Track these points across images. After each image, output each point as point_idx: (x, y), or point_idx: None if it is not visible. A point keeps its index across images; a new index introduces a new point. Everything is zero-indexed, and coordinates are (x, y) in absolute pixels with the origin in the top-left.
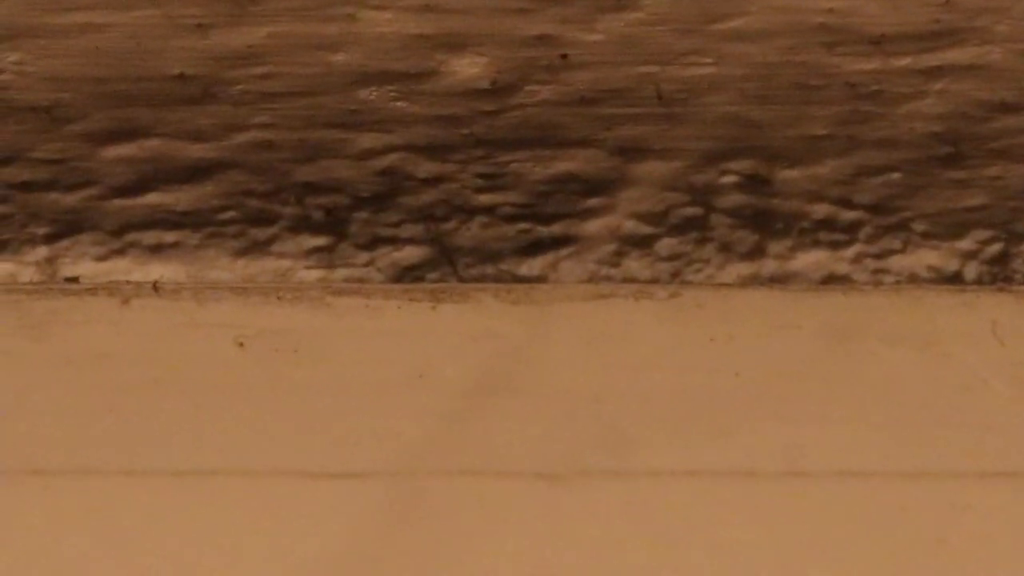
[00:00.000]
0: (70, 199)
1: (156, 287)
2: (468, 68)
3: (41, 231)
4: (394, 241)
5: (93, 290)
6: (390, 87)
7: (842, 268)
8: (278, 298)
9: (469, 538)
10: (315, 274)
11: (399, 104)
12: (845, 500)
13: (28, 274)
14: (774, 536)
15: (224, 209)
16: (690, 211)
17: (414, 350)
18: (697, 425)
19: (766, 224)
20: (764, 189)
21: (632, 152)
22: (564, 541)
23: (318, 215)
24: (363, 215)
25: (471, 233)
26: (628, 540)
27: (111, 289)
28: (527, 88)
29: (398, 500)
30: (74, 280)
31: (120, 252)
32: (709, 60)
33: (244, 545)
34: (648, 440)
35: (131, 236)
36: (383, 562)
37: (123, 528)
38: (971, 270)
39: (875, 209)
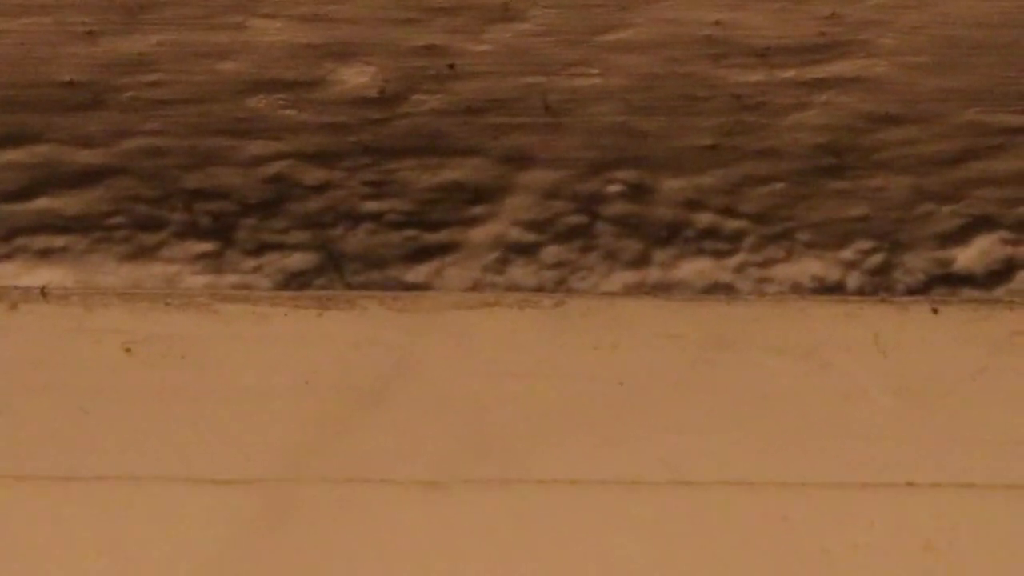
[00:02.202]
0: None
1: (44, 292)
2: (356, 77)
3: None
4: (281, 247)
5: None
6: (279, 95)
7: (726, 277)
8: (166, 304)
9: (351, 545)
10: (202, 280)
11: (287, 112)
12: (728, 510)
13: None
14: (657, 545)
15: (112, 214)
16: (575, 219)
17: (300, 357)
18: (580, 434)
19: (651, 233)
20: (649, 198)
21: (518, 161)
22: (446, 550)
23: (206, 221)
24: (251, 221)
25: (358, 240)
26: (511, 549)
27: None
28: (415, 97)
29: (281, 506)
30: None
31: (8, 257)
32: (595, 71)
33: (128, 550)
34: (531, 449)
35: (19, 241)
36: (265, 569)
37: (7, 532)
38: (854, 280)
39: (759, 219)
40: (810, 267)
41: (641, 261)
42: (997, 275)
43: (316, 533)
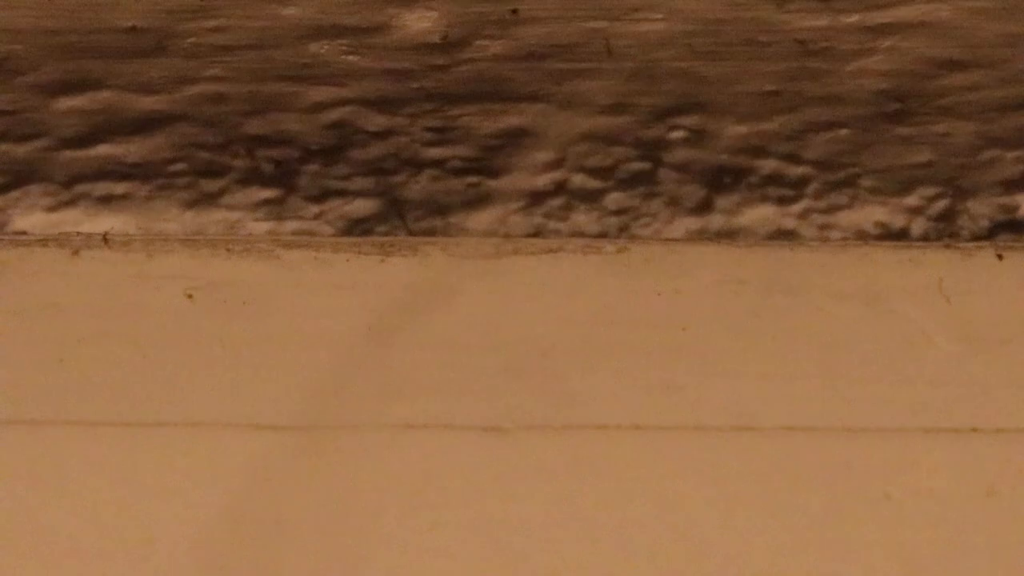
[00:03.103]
0: (20, 150)
1: (106, 239)
2: (419, 22)
3: None
4: (343, 194)
5: (43, 241)
6: (341, 41)
7: (789, 224)
8: (227, 250)
9: (415, 489)
10: (264, 226)
11: (350, 58)
12: (791, 455)
13: None
14: (721, 490)
15: (174, 161)
16: (638, 166)
17: (362, 303)
18: (644, 379)
19: (714, 179)
20: (712, 144)
21: (581, 107)
22: (511, 494)
23: (268, 168)
24: (313, 168)
25: (420, 186)
26: (575, 495)
27: (61, 240)
28: (477, 43)
29: (345, 452)
30: (23, 232)
31: (70, 203)
32: (658, 15)
33: (194, 496)
34: (594, 395)
35: (81, 188)
36: (331, 513)
37: (73, 478)
38: (918, 226)
39: (822, 165)
40: (874, 213)
41: (704, 207)
42: None
43: (380, 477)
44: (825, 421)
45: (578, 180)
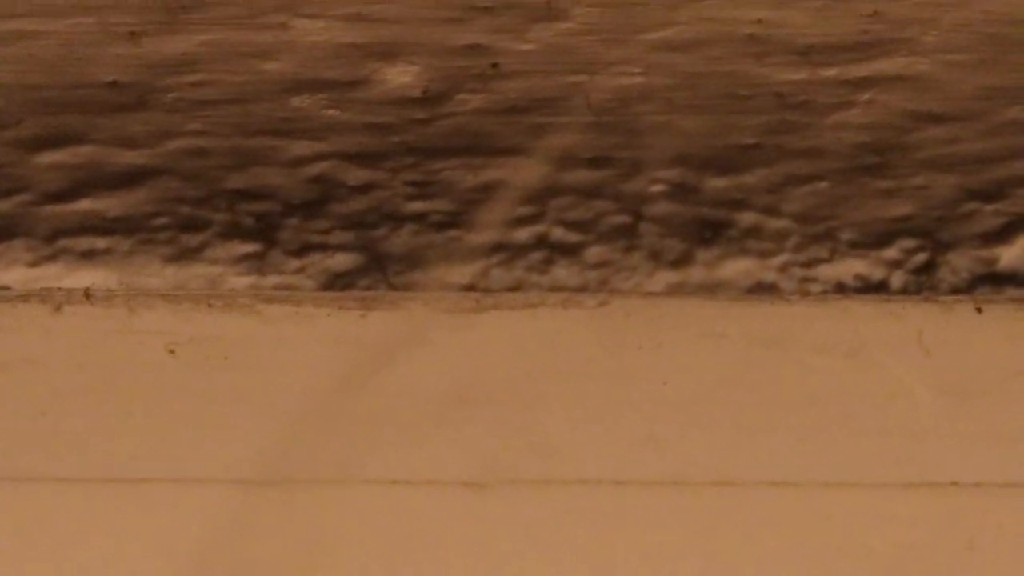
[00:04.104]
0: (2, 205)
1: (87, 294)
2: (400, 76)
3: None
4: (325, 248)
5: (25, 296)
6: (322, 95)
7: (769, 276)
8: (209, 305)
9: (396, 546)
10: (246, 281)
11: (331, 112)
12: (772, 509)
13: None
14: (703, 545)
15: (156, 215)
16: (618, 219)
17: (344, 357)
18: (625, 434)
19: (694, 232)
20: (692, 197)
21: (561, 161)
22: (492, 549)
23: (249, 222)
24: (294, 222)
25: (401, 240)
26: (555, 549)
27: (42, 296)
28: (458, 96)
29: (327, 508)
30: (5, 287)
31: (51, 258)
32: (638, 70)
33: (175, 551)
34: (576, 449)
35: (62, 242)
36: (313, 571)
37: (53, 535)
38: (897, 279)
39: (802, 218)
40: (853, 266)
41: (684, 261)
42: None
43: (362, 534)
44: (806, 475)
45: (558, 234)
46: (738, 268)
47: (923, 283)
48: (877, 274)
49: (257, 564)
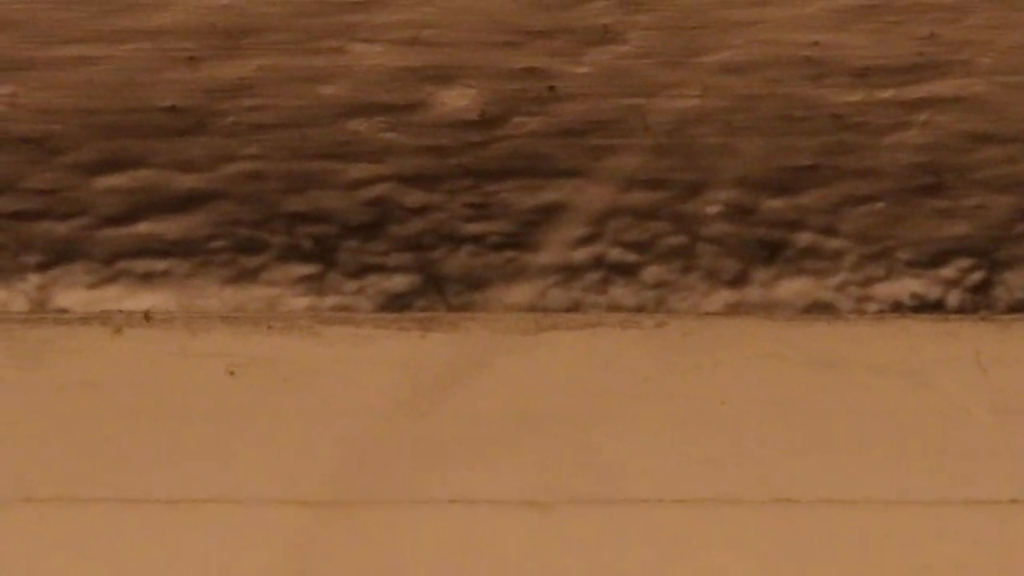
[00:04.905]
0: (62, 228)
1: (147, 316)
2: (456, 100)
3: (33, 260)
4: (383, 269)
5: (85, 319)
6: (379, 118)
7: (826, 296)
8: (268, 327)
9: (457, 566)
10: (304, 302)
11: (388, 135)
12: (831, 528)
13: (20, 303)
14: (761, 564)
15: (214, 238)
16: (676, 240)
17: (403, 378)
18: (683, 453)
19: (751, 252)
20: (749, 218)
21: (618, 182)
22: (552, 569)
23: (307, 244)
24: (352, 244)
25: (459, 261)
26: (616, 569)
27: (103, 318)
28: (515, 119)
29: (386, 528)
30: (65, 310)
31: (111, 280)
32: (694, 92)
33: (236, 572)
34: (635, 468)
35: (122, 264)
36: None
37: (115, 556)
38: (954, 298)
39: (859, 238)
40: (910, 285)
41: (741, 280)
42: None
43: (421, 553)
44: (864, 494)
45: (615, 254)
46: (795, 288)
47: (980, 302)
48: (934, 293)
49: None
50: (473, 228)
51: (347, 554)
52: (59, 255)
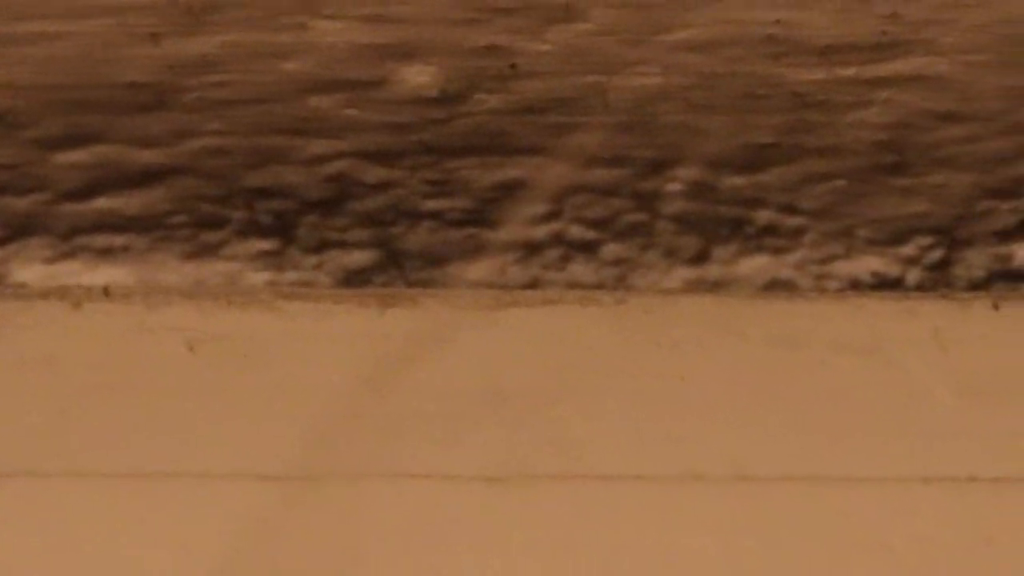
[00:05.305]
0: (21, 203)
1: (107, 291)
2: (417, 77)
3: None
4: (342, 245)
5: (44, 294)
6: (340, 95)
7: (786, 274)
8: (228, 302)
9: (414, 540)
10: (264, 277)
11: (349, 111)
12: (789, 504)
13: None
14: (720, 540)
15: (174, 213)
16: (636, 217)
17: (362, 354)
18: (643, 430)
19: (711, 230)
20: (709, 196)
21: (578, 159)
22: (511, 544)
23: (267, 219)
24: (312, 219)
25: (418, 237)
26: (575, 544)
27: (61, 293)
28: (476, 96)
29: (344, 503)
30: (24, 285)
31: (71, 255)
32: (655, 70)
33: (194, 546)
34: (595, 445)
35: (81, 240)
36: (330, 565)
37: (74, 530)
38: (914, 276)
39: (819, 215)
40: (870, 263)
41: (701, 258)
42: None
43: (380, 527)
44: (824, 471)
45: (575, 232)
46: (755, 265)
47: (940, 280)
48: (894, 271)
49: (276, 557)
50: (433, 204)
51: (304, 528)
52: (18, 230)
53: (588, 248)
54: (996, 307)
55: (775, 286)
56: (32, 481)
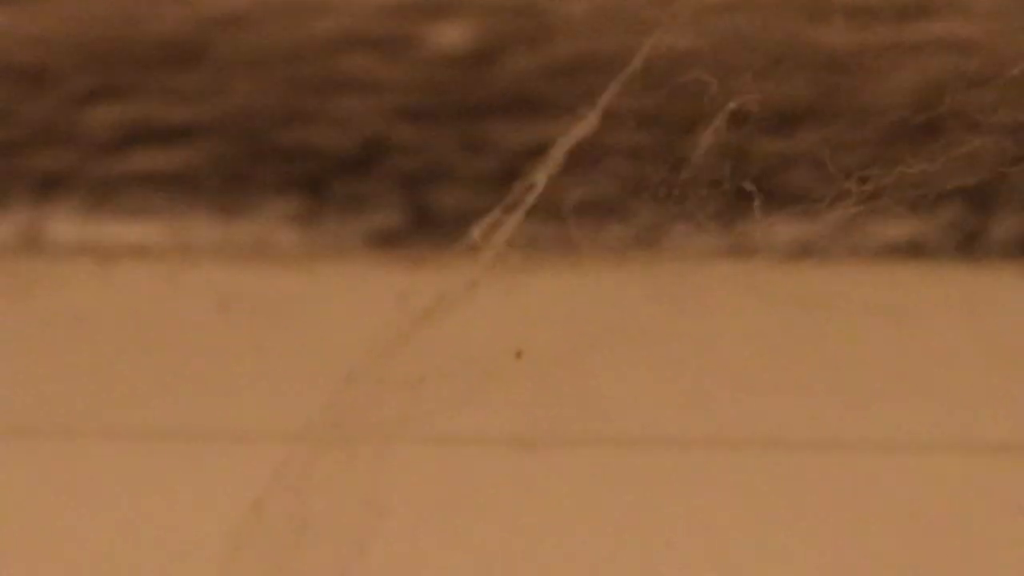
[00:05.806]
0: (51, 161)
1: (137, 249)
2: (449, 35)
3: (23, 192)
4: (374, 205)
5: (74, 251)
6: (372, 53)
7: (817, 237)
8: (258, 262)
9: (444, 504)
10: (295, 237)
11: (380, 70)
12: (821, 470)
13: (9, 235)
14: (749, 504)
15: (205, 171)
16: (668, 179)
17: (394, 314)
18: (673, 393)
19: (742, 193)
20: (741, 159)
21: (612, 120)
22: (540, 508)
23: (300, 179)
24: (343, 179)
25: (451, 198)
26: (604, 508)
27: (92, 250)
28: (508, 56)
29: (377, 465)
30: (55, 243)
31: (102, 213)
32: (688, 31)
33: (224, 505)
34: (624, 408)
35: (113, 197)
36: (363, 527)
37: (103, 489)
38: (945, 241)
39: (851, 179)
40: (902, 229)
41: (732, 221)
42: None
43: (409, 490)
44: (853, 435)
45: (607, 193)
46: (786, 229)
47: (972, 245)
48: (926, 236)
49: (304, 518)
50: (465, 164)
51: (334, 490)
52: (49, 187)
53: (620, 210)
54: None
55: (806, 250)
56: (62, 439)
